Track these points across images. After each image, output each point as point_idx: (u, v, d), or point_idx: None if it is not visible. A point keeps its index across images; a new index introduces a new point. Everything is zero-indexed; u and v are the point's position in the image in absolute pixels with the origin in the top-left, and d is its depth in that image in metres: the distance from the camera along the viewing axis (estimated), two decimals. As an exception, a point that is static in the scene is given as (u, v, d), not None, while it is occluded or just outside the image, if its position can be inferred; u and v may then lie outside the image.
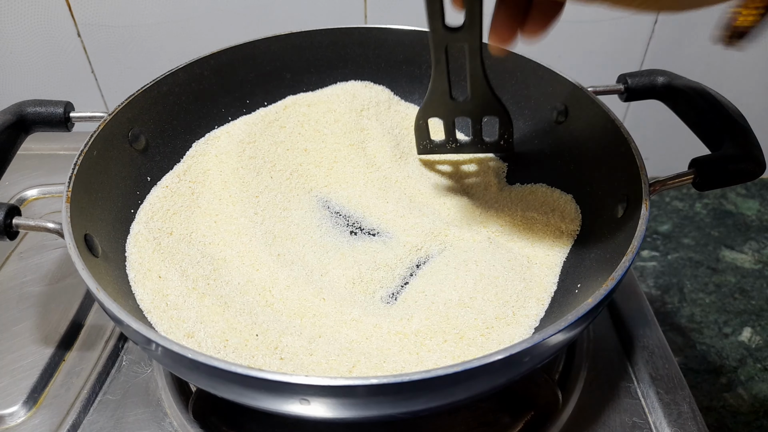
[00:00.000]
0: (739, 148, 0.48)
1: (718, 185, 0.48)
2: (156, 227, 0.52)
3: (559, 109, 0.59)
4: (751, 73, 0.85)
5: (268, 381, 0.34)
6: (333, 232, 0.58)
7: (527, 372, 0.40)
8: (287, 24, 0.67)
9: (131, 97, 0.55)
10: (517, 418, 0.49)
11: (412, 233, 0.56)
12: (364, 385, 0.33)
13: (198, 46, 0.65)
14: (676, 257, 0.80)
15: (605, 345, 0.56)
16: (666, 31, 0.80)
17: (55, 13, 0.79)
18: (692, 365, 0.67)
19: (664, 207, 0.88)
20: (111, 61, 0.85)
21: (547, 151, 0.61)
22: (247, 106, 0.66)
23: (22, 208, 0.67)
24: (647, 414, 0.50)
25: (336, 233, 0.58)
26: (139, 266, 0.49)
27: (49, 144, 0.75)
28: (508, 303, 0.48)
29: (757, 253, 0.80)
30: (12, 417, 0.49)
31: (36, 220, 0.45)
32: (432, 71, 0.54)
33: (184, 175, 0.58)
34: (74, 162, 0.48)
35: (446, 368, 0.33)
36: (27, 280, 0.61)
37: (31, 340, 0.55)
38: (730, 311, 0.73)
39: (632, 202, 0.48)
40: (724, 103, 0.51)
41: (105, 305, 0.39)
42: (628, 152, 0.49)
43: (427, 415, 0.48)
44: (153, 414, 0.50)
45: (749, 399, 0.64)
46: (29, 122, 0.53)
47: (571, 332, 0.38)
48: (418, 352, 0.44)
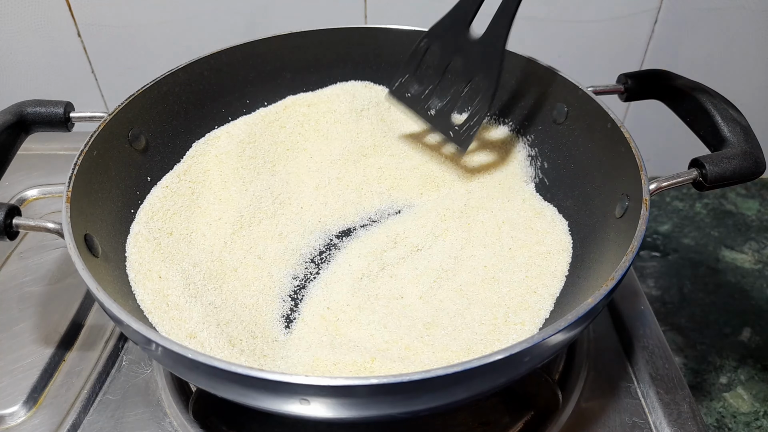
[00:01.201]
0: (740, 148, 0.48)
1: (718, 185, 0.48)
2: (156, 227, 0.52)
3: (559, 109, 0.59)
4: (752, 73, 0.85)
5: (267, 381, 0.34)
6: (333, 230, 0.58)
7: (527, 372, 0.40)
8: (287, 24, 0.67)
9: (131, 97, 0.55)
10: (517, 418, 0.49)
11: (413, 229, 0.56)
12: (364, 385, 0.33)
13: (198, 46, 0.65)
14: (676, 257, 0.80)
15: (605, 345, 0.56)
16: (666, 31, 0.80)
17: (55, 13, 0.79)
18: (692, 365, 0.67)
19: (664, 207, 0.88)
20: (111, 61, 0.85)
21: (546, 151, 0.61)
22: (247, 106, 0.66)
23: (23, 208, 0.67)
24: (647, 414, 0.50)
25: (336, 231, 0.58)
26: (140, 266, 0.49)
27: (50, 144, 0.75)
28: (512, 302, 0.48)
29: (757, 253, 0.80)
30: (12, 417, 0.49)
31: (36, 220, 0.45)
32: None
33: (184, 175, 0.58)
34: (74, 162, 0.48)
35: (446, 368, 0.33)
36: (27, 280, 0.61)
37: (31, 340, 0.55)
38: (730, 311, 0.73)
39: (632, 202, 0.48)
40: (725, 103, 0.51)
41: (105, 305, 0.39)
42: (628, 152, 0.49)
43: (427, 415, 0.48)
44: (153, 414, 0.50)
45: (749, 399, 0.64)
46: (29, 122, 0.53)
47: (571, 332, 0.38)
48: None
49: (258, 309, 0.50)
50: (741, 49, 0.83)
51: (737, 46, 0.82)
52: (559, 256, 0.53)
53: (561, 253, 0.53)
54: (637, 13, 0.79)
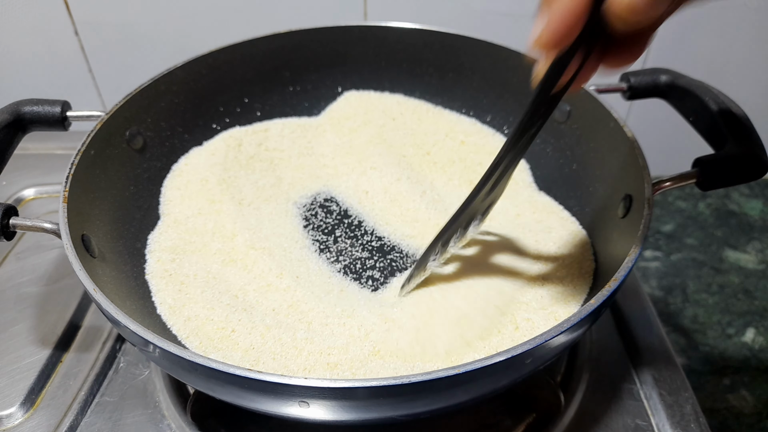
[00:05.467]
0: (743, 147, 0.47)
1: (721, 185, 0.47)
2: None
3: (561, 108, 0.59)
4: (755, 72, 0.85)
5: (266, 383, 0.33)
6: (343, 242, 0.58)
7: (529, 374, 0.40)
8: (286, 22, 0.67)
9: (129, 96, 0.55)
10: (519, 421, 0.49)
11: (417, 236, 0.56)
12: (364, 387, 0.33)
13: (196, 44, 0.64)
14: (679, 257, 0.79)
15: (608, 346, 0.55)
16: (669, 30, 0.79)
17: (52, 10, 0.79)
18: (695, 366, 0.67)
19: (667, 207, 0.87)
20: (108, 60, 0.84)
21: (549, 150, 0.61)
22: (245, 105, 0.66)
23: (19, 208, 0.67)
24: (650, 416, 0.50)
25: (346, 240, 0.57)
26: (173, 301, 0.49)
27: (46, 143, 0.75)
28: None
29: (761, 253, 0.80)
30: (9, 419, 0.49)
31: (33, 220, 0.44)
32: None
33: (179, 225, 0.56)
34: (71, 162, 0.48)
35: (447, 370, 0.33)
36: (24, 280, 0.60)
37: (28, 341, 0.54)
38: (733, 312, 0.72)
39: (635, 201, 0.47)
40: (728, 102, 0.51)
41: (102, 306, 0.38)
42: (630, 151, 0.49)
43: (427, 417, 0.48)
44: (151, 416, 0.49)
45: (752, 401, 0.63)
46: (26, 121, 0.52)
47: (574, 334, 0.38)
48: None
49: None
50: (745, 48, 0.82)
51: (741, 44, 0.82)
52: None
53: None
54: (639, 12, 0.79)
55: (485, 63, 0.64)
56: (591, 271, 0.50)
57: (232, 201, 0.57)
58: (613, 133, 0.52)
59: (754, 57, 0.83)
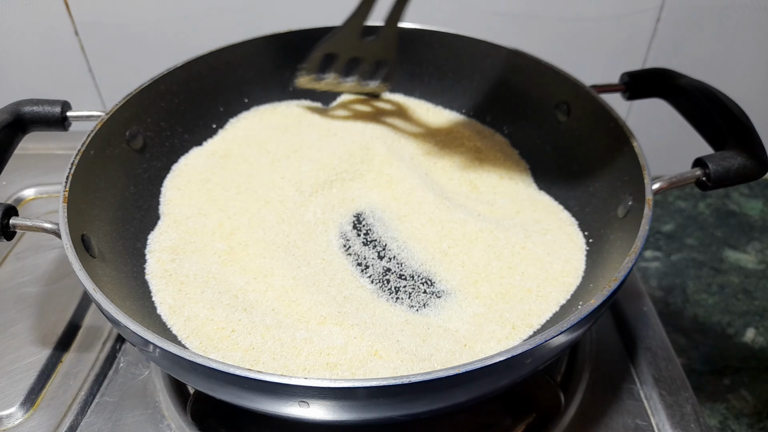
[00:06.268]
0: (743, 147, 0.48)
1: (721, 185, 0.47)
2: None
3: (561, 108, 0.59)
4: (755, 72, 0.84)
5: (266, 383, 0.33)
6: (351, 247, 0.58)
7: (529, 374, 0.39)
8: (286, 22, 0.67)
9: (129, 96, 0.55)
10: (519, 421, 0.49)
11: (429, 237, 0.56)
12: (364, 387, 0.33)
13: (196, 44, 0.64)
14: (680, 257, 0.79)
15: (608, 346, 0.55)
16: (669, 30, 0.80)
17: (52, 10, 0.79)
18: (695, 366, 0.66)
19: (667, 207, 0.87)
20: (108, 60, 0.84)
21: (548, 150, 0.61)
22: (245, 106, 0.66)
23: (20, 208, 0.67)
24: (650, 416, 0.50)
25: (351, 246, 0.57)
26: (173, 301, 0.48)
27: (47, 143, 0.75)
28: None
29: (761, 253, 0.80)
30: (9, 419, 0.49)
31: (33, 220, 0.44)
32: (358, 7, 0.58)
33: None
34: (71, 161, 0.48)
35: (447, 370, 0.33)
36: (24, 280, 0.60)
37: (28, 342, 0.54)
38: (733, 312, 0.72)
39: (635, 201, 0.47)
40: (728, 102, 0.51)
41: (102, 306, 0.38)
42: (630, 151, 0.49)
43: (427, 417, 0.48)
44: (151, 416, 0.49)
45: (753, 401, 0.63)
46: (26, 122, 0.52)
47: (574, 334, 0.38)
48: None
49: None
50: (744, 48, 0.82)
51: (740, 44, 0.82)
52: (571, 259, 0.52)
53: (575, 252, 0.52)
54: (640, 12, 0.79)
55: (485, 63, 0.64)
56: (570, 290, 0.49)
57: (233, 201, 0.57)
58: (614, 133, 0.52)
59: (754, 57, 0.83)
